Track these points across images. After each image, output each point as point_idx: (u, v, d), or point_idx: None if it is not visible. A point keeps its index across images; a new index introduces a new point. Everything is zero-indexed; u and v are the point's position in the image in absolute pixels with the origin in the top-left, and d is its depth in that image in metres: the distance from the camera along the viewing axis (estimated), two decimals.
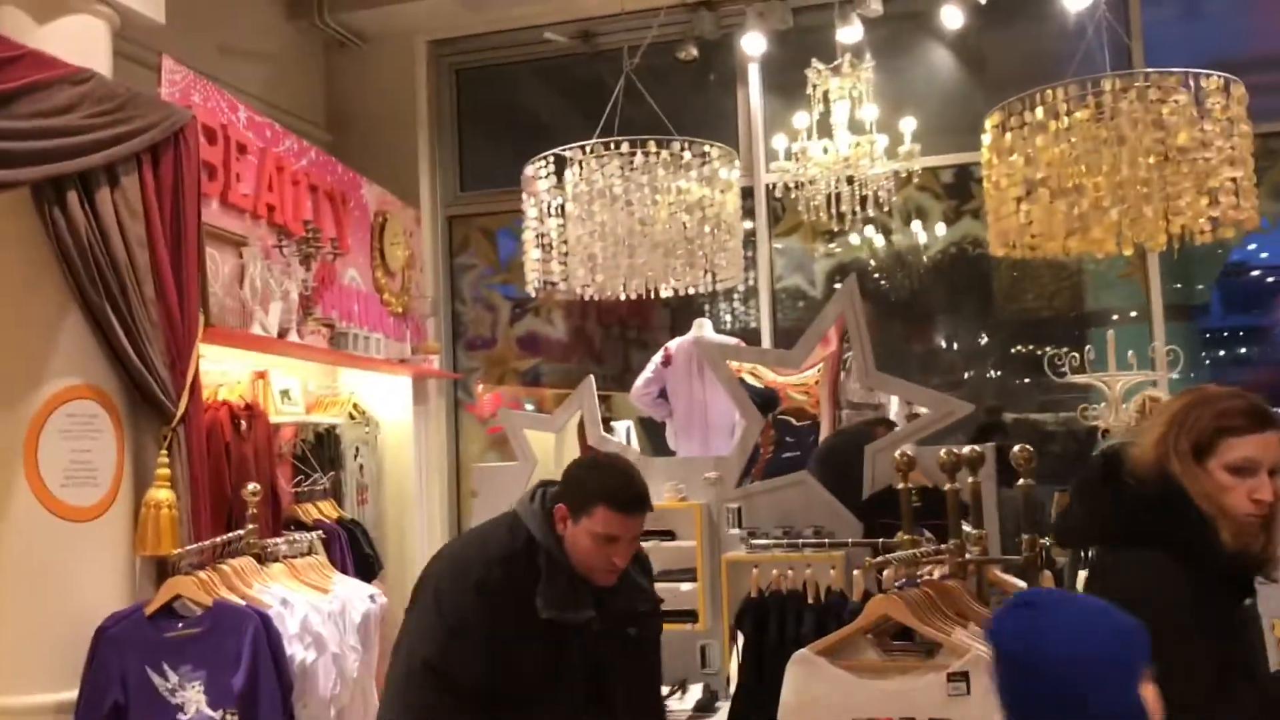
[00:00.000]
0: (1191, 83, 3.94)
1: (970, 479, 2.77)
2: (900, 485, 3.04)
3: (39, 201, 3.25)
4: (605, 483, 2.44)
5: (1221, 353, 7.12)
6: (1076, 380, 4.64)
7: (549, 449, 4.46)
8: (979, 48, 5.98)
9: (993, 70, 5.99)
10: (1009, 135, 4.30)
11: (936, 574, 2.62)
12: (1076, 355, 4.55)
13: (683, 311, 6.27)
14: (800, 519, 3.71)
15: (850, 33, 5.49)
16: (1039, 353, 6.18)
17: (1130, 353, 4.48)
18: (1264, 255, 7.13)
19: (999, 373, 6.42)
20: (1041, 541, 2.64)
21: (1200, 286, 6.50)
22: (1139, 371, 4.57)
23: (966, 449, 2.83)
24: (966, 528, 2.77)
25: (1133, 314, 6.09)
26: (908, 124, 5.16)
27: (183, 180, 3.64)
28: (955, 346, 6.57)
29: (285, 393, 4.66)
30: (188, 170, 3.66)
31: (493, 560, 2.45)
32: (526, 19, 6.26)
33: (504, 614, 2.39)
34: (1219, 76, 3.90)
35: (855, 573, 2.95)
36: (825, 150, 5.14)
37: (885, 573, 2.64)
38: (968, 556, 2.64)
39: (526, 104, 7.06)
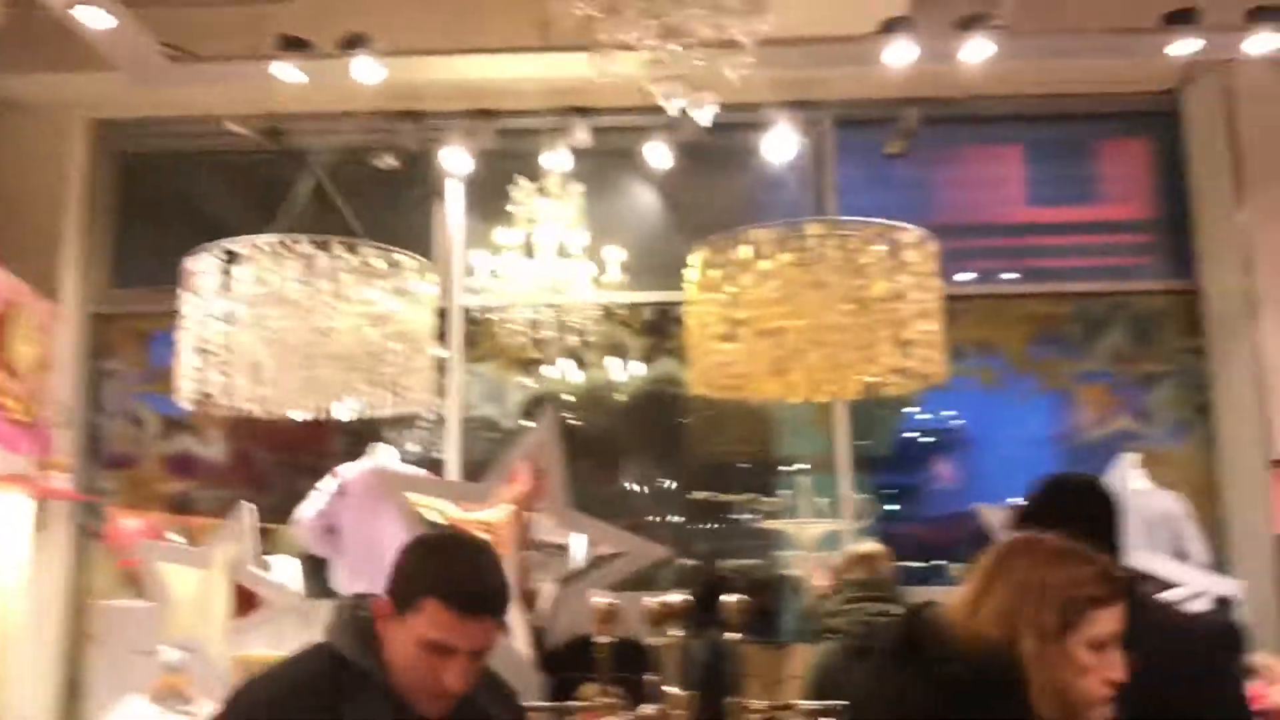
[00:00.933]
0: (889, 236, 4.01)
1: (679, 632, 2.48)
2: (596, 637, 2.71)
3: None
4: (442, 568, 1.79)
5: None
6: (769, 526, 4.58)
7: (194, 588, 3.92)
8: (682, 191, 6.02)
9: (695, 214, 6.01)
10: (714, 272, 4.22)
11: None
12: (767, 501, 4.49)
13: (360, 437, 5.74)
14: None
15: (557, 160, 5.37)
16: (721, 498, 6.14)
17: (826, 500, 4.45)
18: (918, 418, 7.57)
19: (681, 517, 6.31)
20: (757, 705, 2.37)
21: (868, 440, 6.71)
22: (829, 520, 4.55)
23: (676, 598, 2.55)
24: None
25: (805, 464, 6.15)
26: (614, 255, 5.04)
27: None
28: (642, 489, 6.43)
29: None
30: None
31: (284, 693, 1.80)
32: (207, 106, 5.66)
33: None
34: (915, 231, 4.00)
35: None
36: (527, 274, 4.91)
37: None
38: None
39: (202, 199, 6.41)
